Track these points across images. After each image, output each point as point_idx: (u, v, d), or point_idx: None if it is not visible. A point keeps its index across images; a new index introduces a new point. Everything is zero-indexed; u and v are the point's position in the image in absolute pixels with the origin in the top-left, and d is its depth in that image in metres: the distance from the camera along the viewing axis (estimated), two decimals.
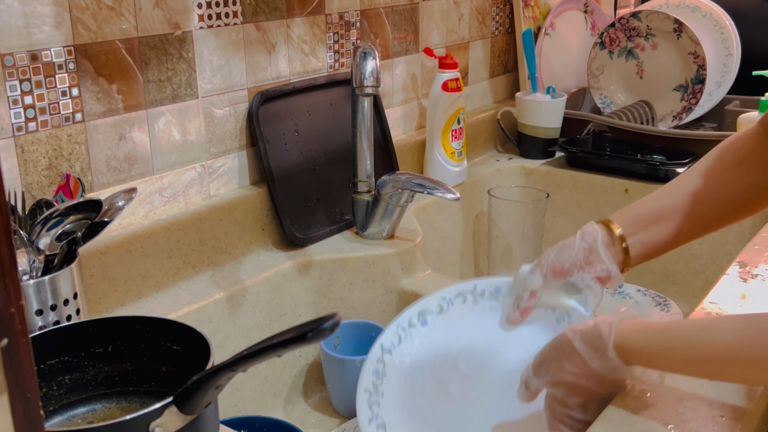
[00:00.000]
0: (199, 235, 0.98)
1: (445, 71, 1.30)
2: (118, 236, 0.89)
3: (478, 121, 1.50)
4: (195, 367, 0.60)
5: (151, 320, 0.69)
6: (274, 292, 1.01)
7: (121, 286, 0.90)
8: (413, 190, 1.06)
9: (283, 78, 1.10)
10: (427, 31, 1.38)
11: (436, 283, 1.06)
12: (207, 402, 0.58)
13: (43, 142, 0.83)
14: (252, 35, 1.04)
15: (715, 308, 0.87)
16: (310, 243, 1.08)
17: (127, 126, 0.91)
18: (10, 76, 0.79)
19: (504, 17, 1.60)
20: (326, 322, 0.50)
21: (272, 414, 1.01)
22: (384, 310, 1.07)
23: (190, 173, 1.00)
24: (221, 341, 0.93)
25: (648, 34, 1.56)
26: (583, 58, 1.66)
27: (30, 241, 0.72)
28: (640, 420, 0.67)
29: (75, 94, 0.85)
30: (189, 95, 0.97)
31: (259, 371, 0.99)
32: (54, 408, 0.68)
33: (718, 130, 1.58)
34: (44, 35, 0.81)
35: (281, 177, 1.07)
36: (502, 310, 0.85)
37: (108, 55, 0.87)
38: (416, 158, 1.35)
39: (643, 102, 1.57)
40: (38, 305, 0.70)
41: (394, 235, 1.11)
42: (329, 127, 1.15)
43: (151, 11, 0.91)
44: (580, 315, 0.79)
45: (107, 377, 0.70)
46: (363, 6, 1.22)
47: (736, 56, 1.54)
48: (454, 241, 1.33)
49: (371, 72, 1.00)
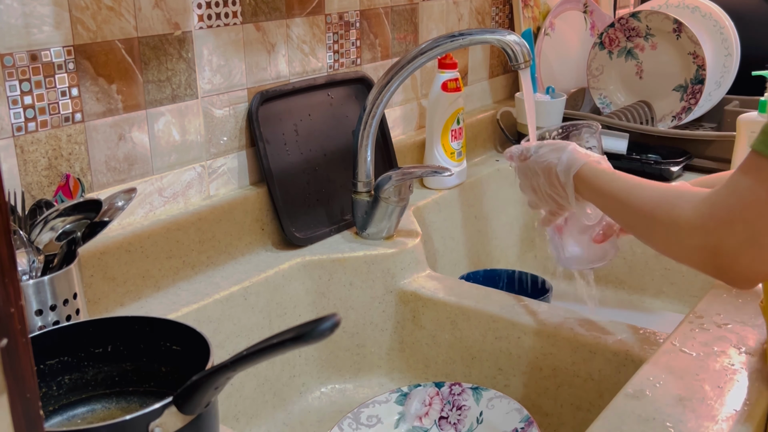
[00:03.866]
0: (198, 235, 0.98)
1: (445, 71, 1.30)
2: (117, 236, 0.89)
3: (477, 121, 1.50)
4: (195, 367, 0.60)
5: (151, 320, 0.69)
6: (274, 292, 1.01)
7: (121, 286, 0.90)
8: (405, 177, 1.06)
9: (282, 78, 1.10)
10: (426, 31, 1.38)
11: (436, 282, 1.06)
12: (207, 402, 0.58)
13: (42, 142, 0.83)
14: (252, 35, 1.04)
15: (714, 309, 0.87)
16: (309, 243, 1.08)
17: (127, 126, 0.91)
18: (10, 76, 0.79)
19: (503, 17, 1.60)
20: (326, 322, 0.50)
21: (271, 414, 1.01)
22: (384, 310, 1.07)
23: (190, 173, 1.00)
24: (221, 341, 0.93)
25: (647, 35, 1.56)
26: (583, 59, 1.66)
27: (30, 241, 0.72)
28: (640, 420, 0.67)
29: (75, 94, 0.85)
30: (189, 95, 0.97)
31: (259, 371, 0.99)
32: (53, 408, 0.68)
33: (718, 130, 1.58)
34: (44, 35, 0.81)
35: (281, 177, 1.07)
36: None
37: (107, 55, 0.87)
38: (416, 158, 1.35)
39: (643, 102, 1.57)
40: (38, 305, 0.70)
41: (394, 235, 1.11)
42: (329, 127, 1.15)
43: (151, 11, 0.91)
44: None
45: (107, 377, 0.70)
46: (363, 6, 1.22)
47: (736, 56, 1.54)
48: (454, 241, 1.33)
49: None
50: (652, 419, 0.67)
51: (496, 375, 0.99)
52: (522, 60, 1.01)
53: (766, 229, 0.60)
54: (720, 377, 0.73)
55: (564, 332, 0.92)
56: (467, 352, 1.01)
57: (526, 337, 0.95)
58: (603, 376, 0.89)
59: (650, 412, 0.68)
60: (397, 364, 1.08)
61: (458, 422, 0.90)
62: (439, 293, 1.03)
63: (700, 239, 0.65)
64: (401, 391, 0.93)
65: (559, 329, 0.93)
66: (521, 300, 1.00)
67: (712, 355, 0.77)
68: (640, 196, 0.74)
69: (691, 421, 0.66)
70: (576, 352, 0.91)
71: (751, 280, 0.65)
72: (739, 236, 0.62)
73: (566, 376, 0.92)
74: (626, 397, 0.70)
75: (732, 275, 0.65)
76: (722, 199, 0.64)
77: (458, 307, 1.01)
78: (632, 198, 0.75)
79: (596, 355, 0.89)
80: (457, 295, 1.02)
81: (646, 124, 1.54)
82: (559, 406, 0.94)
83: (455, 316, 1.01)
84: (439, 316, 1.03)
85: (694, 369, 0.75)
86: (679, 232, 0.67)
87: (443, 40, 1.04)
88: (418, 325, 1.05)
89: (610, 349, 0.88)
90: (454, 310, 1.01)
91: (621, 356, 0.87)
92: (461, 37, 1.03)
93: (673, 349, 0.78)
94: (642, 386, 0.72)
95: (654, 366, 0.75)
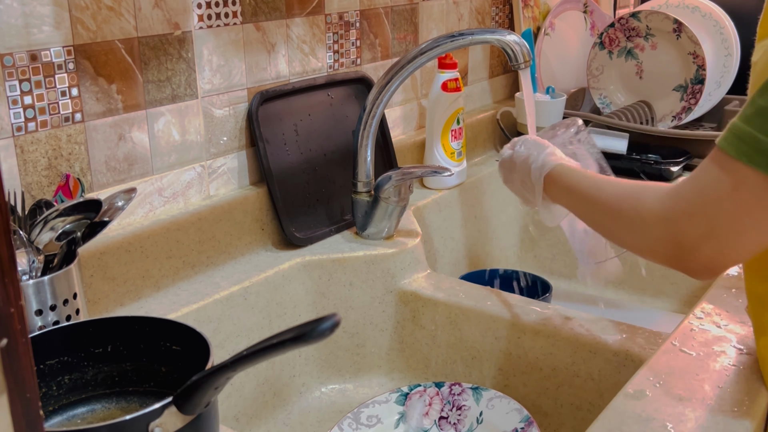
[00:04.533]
0: (198, 235, 0.98)
1: (445, 71, 1.30)
2: (117, 236, 0.89)
3: (477, 121, 1.50)
4: (195, 367, 0.60)
5: (151, 320, 0.69)
6: (274, 292, 1.01)
7: (121, 286, 0.89)
8: (406, 177, 1.06)
9: (282, 78, 1.10)
10: (426, 31, 1.38)
11: (435, 283, 1.06)
12: (206, 402, 0.58)
13: (42, 142, 0.83)
14: (252, 35, 1.04)
15: (713, 309, 0.87)
16: (309, 243, 1.08)
17: (127, 126, 0.91)
18: (10, 76, 0.79)
19: (503, 17, 1.60)
20: (326, 322, 0.50)
21: (271, 414, 1.01)
22: (384, 310, 1.07)
23: (190, 173, 1.00)
24: (221, 341, 0.93)
25: (647, 35, 1.56)
26: (583, 59, 1.66)
27: (30, 242, 0.72)
28: (640, 420, 0.67)
29: (74, 94, 0.85)
30: (188, 95, 0.97)
31: (259, 371, 0.99)
32: (53, 408, 0.68)
33: (718, 130, 1.58)
34: (44, 35, 0.81)
35: (281, 177, 1.07)
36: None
37: (107, 55, 0.87)
38: (416, 158, 1.35)
39: (643, 102, 1.57)
40: (38, 305, 0.70)
41: (394, 235, 1.11)
42: (329, 127, 1.15)
43: (151, 11, 0.91)
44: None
45: (107, 377, 0.70)
46: (362, 6, 1.22)
47: (736, 56, 1.54)
48: (454, 241, 1.33)
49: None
50: (652, 419, 0.67)
51: (496, 375, 0.99)
52: (522, 60, 1.01)
53: (726, 223, 0.63)
54: (720, 377, 0.73)
55: (564, 332, 0.92)
56: (467, 352, 1.01)
57: (526, 337, 0.95)
58: (603, 376, 0.89)
59: (650, 412, 0.68)
60: (397, 364, 1.08)
61: (458, 422, 0.90)
62: (439, 293, 1.03)
63: (661, 229, 0.67)
64: (401, 391, 0.93)
65: (559, 329, 0.93)
66: (521, 300, 1.00)
67: (712, 355, 0.77)
68: (607, 191, 0.76)
69: (691, 421, 0.66)
70: (576, 352, 0.91)
71: (710, 270, 0.67)
72: (700, 228, 0.64)
73: (566, 376, 0.92)
74: (626, 397, 0.70)
75: (692, 266, 0.67)
76: (685, 192, 0.66)
77: (458, 307, 1.01)
78: (600, 193, 0.77)
79: (596, 355, 0.89)
80: (457, 295, 1.02)
81: (646, 124, 1.54)
82: (559, 406, 0.94)
83: (455, 316, 1.01)
84: (439, 316, 1.03)
85: (694, 369, 0.75)
86: (642, 223, 0.69)
87: (443, 40, 1.04)
88: (418, 325, 1.05)
89: (610, 349, 0.88)
90: (454, 310, 1.01)
91: (621, 356, 0.87)
92: (461, 37, 1.03)
93: (673, 349, 0.78)
94: (642, 386, 0.72)
95: (654, 366, 0.75)
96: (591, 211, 0.80)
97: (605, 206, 0.76)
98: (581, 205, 0.81)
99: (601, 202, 0.76)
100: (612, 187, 0.76)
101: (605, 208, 0.76)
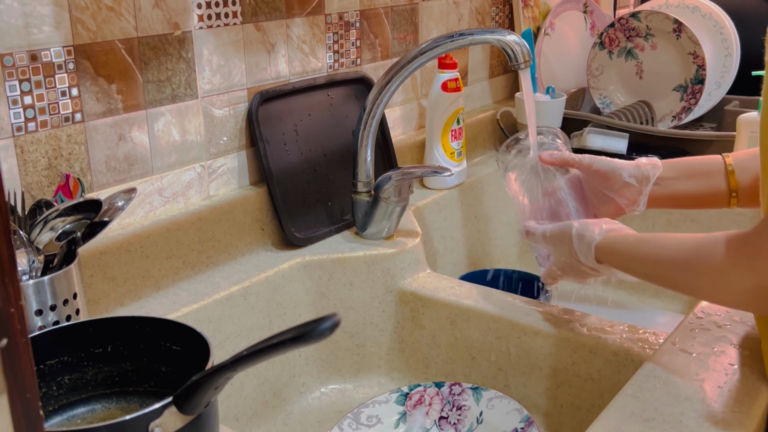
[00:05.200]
0: (198, 235, 0.98)
1: (445, 71, 1.30)
2: (117, 236, 0.89)
3: (477, 121, 1.50)
4: (195, 367, 0.60)
5: (151, 320, 0.69)
6: (274, 292, 1.01)
7: (121, 286, 0.90)
8: (406, 177, 1.06)
9: (282, 78, 1.11)
10: (426, 31, 1.38)
11: (435, 283, 1.06)
12: (206, 402, 0.58)
13: (42, 142, 0.83)
14: (252, 35, 1.04)
15: (714, 309, 0.87)
16: (309, 243, 1.08)
17: (127, 126, 0.91)
18: (10, 76, 0.79)
19: (503, 17, 1.60)
20: (326, 322, 0.50)
21: (271, 414, 1.01)
22: (384, 310, 1.07)
23: (190, 173, 1.00)
24: (221, 341, 0.93)
25: (647, 35, 1.56)
26: (583, 59, 1.66)
27: (30, 241, 0.72)
28: (640, 420, 0.67)
29: (74, 94, 0.85)
30: (188, 95, 0.97)
31: (259, 371, 0.99)
32: (53, 408, 0.68)
33: (718, 130, 1.59)
34: (44, 35, 0.81)
35: (281, 177, 1.07)
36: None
37: (107, 55, 0.87)
38: (416, 158, 1.35)
39: (643, 102, 1.57)
40: (38, 305, 0.70)
41: (394, 235, 1.11)
42: (329, 127, 1.15)
43: (151, 11, 0.91)
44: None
45: (107, 377, 0.70)
46: (362, 6, 1.22)
47: (736, 56, 1.54)
48: (454, 241, 1.33)
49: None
50: (652, 419, 0.67)
51: (496, 375, 0.99)
52: (522, 60, 1.01)
53: None
54: (720, 377, 0.73)
55: (564, 332, 0.92)
56: (467, 352, 1.01)
57: (526, 337, 0.95)
58: (603, 376, 0.89)
59: (650, 412, 0.68)
60: (397, 364, 1.08)
61: (458, 422, 0.90)
62: (439, 293, 1.03)
63: (750, 281, 0.65)
64: (401, 391, 0.93)
65: (559, 329, 0.92)
66: (521, 300, 1.00)
67: (712, 355, 0.77)
68: (671, 255, 0.73)
69: (691, 421, 0.66)
70: (576, 352, 0.91)
71: None
72: None
73: (566, 376, 0.92)
74: (626, 397, 0.70)
75: None
76: (764, 238, 0.64)
77: (458, 307, 1.01)
78: (663, 258, 0.74)
79: (596, 355, 0.89)
80: (457, 295, 1.02)
81: (646, 124, 1.54)
82: (559, 406, 0.94)
83: (455, 316, 1.01)
84: (439, 316, 1.03)
85: (694, 369, 0.75)
86: (726, 278, 0.67)
87: (443, 40, 1.04)
88: (418, 325, 1.05)
89: (610, 349, 0.88)
90: (454, 310, 1.01)
91: (621, 356, 0.87)
92: (461, 37, 1.03)
93: (673, 349, 0.78)
94: (642, 386, 0.72)
95: (654, 366, 0.75)
96: (660, 277, 0.76)
97: (676, 270, 0.73)
98: (646, 272, 0.78)
99: (670, 267, 0.73)
100: (674, 249, 0.73)
101: (676, 272, 0.73)
